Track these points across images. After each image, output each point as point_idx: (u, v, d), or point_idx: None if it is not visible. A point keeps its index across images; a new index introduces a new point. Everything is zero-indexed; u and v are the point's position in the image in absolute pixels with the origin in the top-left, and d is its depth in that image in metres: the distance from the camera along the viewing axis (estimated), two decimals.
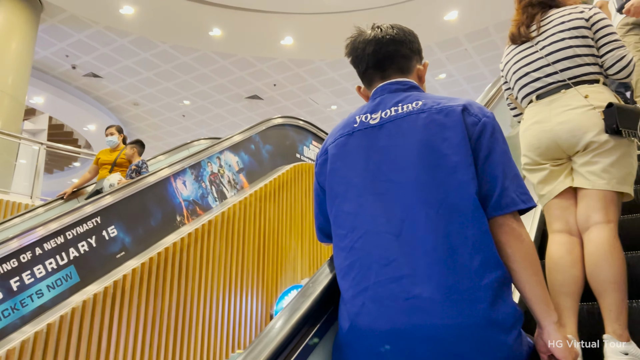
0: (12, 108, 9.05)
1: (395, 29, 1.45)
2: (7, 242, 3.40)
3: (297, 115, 15.01)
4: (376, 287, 1.19)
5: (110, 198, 4.22)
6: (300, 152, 6.82)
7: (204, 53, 11.80)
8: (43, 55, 11.91)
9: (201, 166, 5.22)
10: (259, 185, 5.69)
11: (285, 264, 5.70)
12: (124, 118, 15.20)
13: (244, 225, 5.27)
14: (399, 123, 1.31)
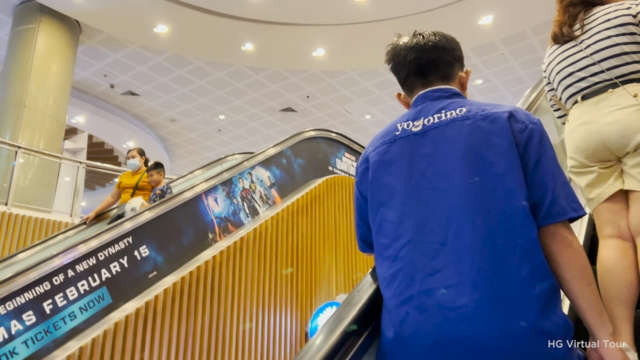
0: (53, 128, 9.31)
1: (438, 35, 1.44)
2: (39, 265, 3.42)
3: (331, 126, 14.98)
4: (421, 296, 1.18)
5: (141, 218, 4.22)
6: (333, 165, 6.73)
7: (237, 68, 11.90)
8: (83, 75, 12.27)
9: (232, 182, 5.18)
10: (291, 199, 5.62)
11: (320, 280, 5.59)
12: (162, 134, 15.50)
13: (276, 240, 5.19)
14: (443, 130, 1.30)
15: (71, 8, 9.32)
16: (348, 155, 7.08)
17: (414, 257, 1.22)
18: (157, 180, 5.33)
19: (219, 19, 9.64)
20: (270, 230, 5.15)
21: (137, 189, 5.40)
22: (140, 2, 9.11)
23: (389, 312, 1.24)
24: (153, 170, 5.36)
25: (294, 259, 5.33)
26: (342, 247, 6.08)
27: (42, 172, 8.70)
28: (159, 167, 5.42)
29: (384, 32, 9.89)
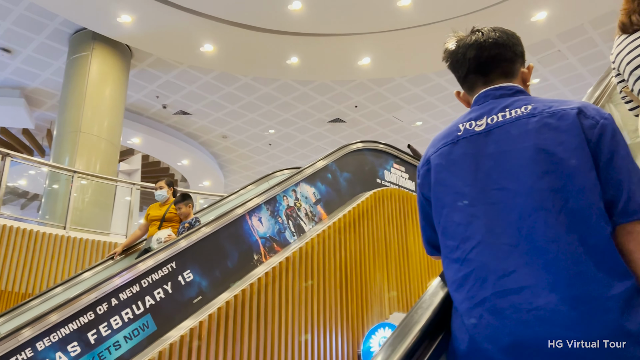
0: (108, 151, 9.59)
1: (498, 31, 1.41)
2: (83, 295, 3.41)
3: (382, 134, 14.73)
4: (495, 298, 1.16)
5: (184, 242, 4.17)
6: (381, 177, 6.50)
7: (284, 82, 11.91)
8: (136, 98, 12.64)
9: (277, 201, 5.07)
10: (338, 215, 5.44)
11: (371, 299, 5.37)
12: (215, 151, 15.74)
13: (323, 259, 5.03)
14: (508, 129, 1.27)
15: (121, 33, 9.61)
16: (397, 166, 6.83)
17: (484, 259, 1.20)
18: (185, 213, 5.11)
19: (263, 35, 9.65)
20: (316, 248, 4.99)
21: (164, 221, 5.22)
22: (186, 23, 9.26)
23: (460, 315, 1.22)
24: (181, 202, 5.14)
25: (343, 278, 5.14)
26: (394, 263, 5.83)
27: (98, 195, 8.95)
28: (186, 199, 5.18)
29: (431, 36, 9.60)
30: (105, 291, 3.56)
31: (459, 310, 1.23)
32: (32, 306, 4.82)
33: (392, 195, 6.21)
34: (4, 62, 10.99)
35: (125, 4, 8.78)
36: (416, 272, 6.11)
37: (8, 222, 6.91)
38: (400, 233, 6.11)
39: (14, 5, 9.27)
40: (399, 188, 6.67)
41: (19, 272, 6.84)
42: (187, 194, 5.31)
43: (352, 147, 6.21)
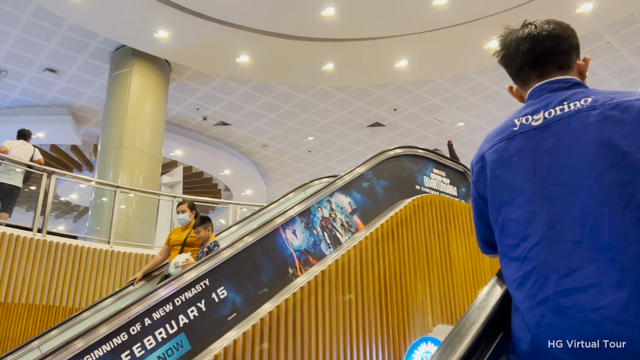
0: (150, 165, 9.75)
1: (552, 24, 1.39)
2: (115, 316, 3.39)
3: (423, 137, 14.43)
4: (558, 297, 1.14)
5: (217, 258, 4.12)
6: (420, 183, 6.29)
7: (321, 89, 11.83)
8: (177, 111, 12.86)
9: (311, 212, 4.96)
10: (375, 225, 5.27)
11: (413, 311, 5.17)
12: (255, 160, 15.84)
13: (361, 271, 4.87)
14: (567, 122, 1.24)
15: (159, 49, 9.77)
16: (437, 171, 6.60)
17: (546, 257, 1.18)
18: (204, 237, 4.86)
19: (297, 43, 9.61)
20: (353, 260, 4.84)
21: (186, 245, 5.04)
22: (221, 35, 9.32)
23: (522, 314, 1.20)
24: (199, 226, 4.89)
25: (382, 290, 4.97)
26: (436, 273, 5.61)
27: (141, 209, 9.11)
28: (205, 222, 4.93)
29: (468, 35, 9.30)
30: (138, 311, 3.54)
31: (520, 309, 1.21)
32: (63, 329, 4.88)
33: (433, 202, 5.99)
34: (51, 82, 11.40)
35: (162, 20, 8.92)
36: (460, 281, 5.87)
37: (55, 239, 7.09)
38: (442, 241, 5.88)
39: (57, 27, 9.59)
40: (440, 194, 6.45)
41: (65, 287, 7.01)
42: (206, 217, 5.08)
43: (389, 154, 6.04)
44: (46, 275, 6.85)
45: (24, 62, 10.66)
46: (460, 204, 6.35)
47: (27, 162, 7.23)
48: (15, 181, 7.16)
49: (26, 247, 6.75)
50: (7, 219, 7.03)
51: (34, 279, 6.72)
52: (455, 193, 6.69)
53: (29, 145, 7.53)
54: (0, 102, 12.33)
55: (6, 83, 11.45)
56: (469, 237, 6.20)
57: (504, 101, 12.61)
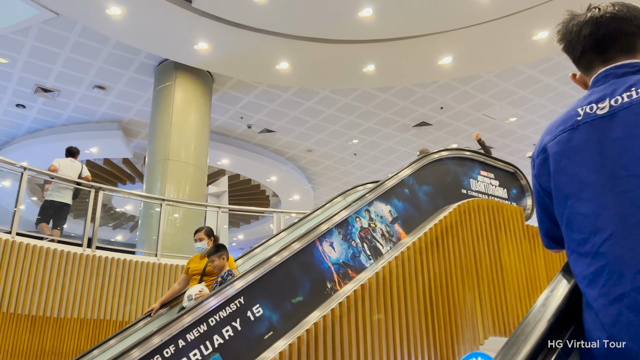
0: (196, 176, 9.85)
1: (617, 5, 1.31)
2: (149, 339, 3.34)
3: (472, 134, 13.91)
4: (634, 294, 1.08)
5: (252, 275, 4.01)
6: (467, 187, 5.97)
7: (363, 91, 11.63)
8: (222, 120, 12.98)
9: (349, 223, 4.78)
10: (418, 234, 5.03)
11: (461, 324, 4.89)
12: (301, 165, 15.79)
13: (404, 283, 4.65)
14: (635, 110, 1.17)
15: (200, 60, 9.86)
16: (484, 174, 6.26)
17: (619, 252, 1.13)
18: (219, 266, 4.55)
19: (336, 46, 9.45)
20: (395, 272, 4.62)
21: (205, 275, 4.75)
22: (259, 43, 9.30)
23: (595, 312, 1.15)
24: (214, 255, 4.59)
25: (427, 303, 4.73)
26: (486, 281, 5.30)
27: (188, 220, 9.19)
28: (220, 250, 4.63)
29: (514, 27, 8.86)
30: (171, 333, 3.48)
31: (593, 307, 1.16)
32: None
33: (480, 207, 5.67)
34: (100, 98, 11.76)
35: (201, 32, 8.99)
36: (513, 290, 5.52)
37: (104, 253, 7.24)
38: (492, 248, 5.56)
39: (102, 45, 9.86)
40: (488, 197, 6.11)
41: (115, 301, 7.13)
42: (221, 244, 4.81)
43: (431, 158, 5.77)
44: (96, 289, 6.99)
45: (74, 81, 11.04)
46: (510, 207, 6.00)
47: (75, 179, 7.42)
48: (65, 198, 7.36)
49: (77, 263, 6.92)
50: (59, 236, 7.23)
51: (84, 293, 6.87)
52: (505, 195, 6.33)
53: (77, 162, 7.73)
54: (55, 120, 12.85)
55: (59, 102, 11.91)
56: (520, 242, 5.84)
57: (557, 94, 11.97)
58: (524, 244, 5.89)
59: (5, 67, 10.50)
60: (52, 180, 7.34)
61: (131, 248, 9.92)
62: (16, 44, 9.73)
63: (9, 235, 6.45)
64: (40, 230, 7.21)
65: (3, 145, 14.04)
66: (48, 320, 6.51)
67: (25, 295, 6.38)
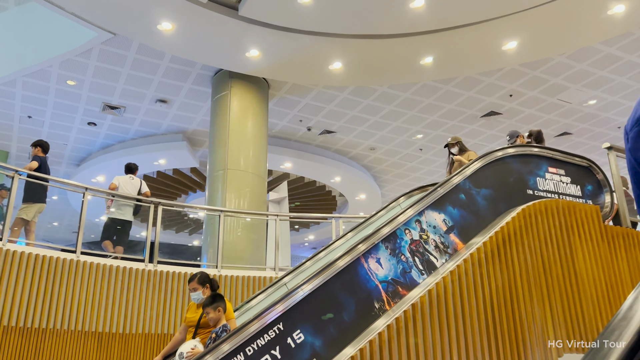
0: (255, 184, 9.80)
1: None
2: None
3: (548, 120, 12.97)
4: None
5: (290, 299, 3.79)
6: (533, 187, 5.41)
7: (423, 84, 11.12)
8: (282, 125, 12.93)
9: (397, 236, 4.44)
10: (477, 244, 4.59)
11: (530, 342, 4.41)
12: (366, 164, 15.45)
13: (461, 300, 4.24)
14: None
15: (252, 68, 9.80)
16: (553, 170, 5.65)
17: None
18: (215, 319, 4.15)
19: (388, 41, 9.04)
20: (451, 288, 4.23)
21: (200, 327, 4.38)
22: (309, 45, 9.08)
23: None
24: (209, 306, 4.18)
25: (489, 320, 4.29)
26: (558, 293, 4.76)
27: (249, 230, 9.16)
28: (216, 301, 4.22)
29: (587, 3, 8.03)
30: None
31: None
32: None
33: (549, 209, 5.12)
34: (163, 111, 12.06)
35: (250, 40, 8.91)
36: (590, 299, 4.94)
37: (165, 268, 7.33)
38: (564, 254, 5.00)
39: (159, 60, 10.06)
40: (559, 197, 5.52)
41: (178, 315, 7.20)
42: (218, 294, 4.41)
43: (490, 158, 5.27)
44: (159, 304, 7.09)
45: (137, 97, 11.38)
46: (585, 206, 5.38)
47: (135, 195, 7.57)
48: (126, 215, 7.54)
49: (139, 278, 7.05)
50: (122, 252, 7.41)
51: (148, 308, 6.99)
52: (578, 193, 5.70)
53: (136, 178, 7.90)
54: (124, 135, 13.36)
55: (126, 117, 12.35)
56: (598, 245, 5.22)
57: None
58: (602, 247, 5.26)
59: (74, 89, 11.00)
60: (113, 199, 7.53)
61: (199, 257, 10.04)
62: (81, 66, 10.15)
63: (73, 254, 6.67)
64: (104, 247, 7.42)
65: (81, 161, 14.82)
66: (114, 337, 6.67)
67: (91, 312, 6.57)
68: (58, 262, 6.44)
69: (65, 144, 13.67)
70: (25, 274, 6.16)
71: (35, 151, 7.16)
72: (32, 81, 10.65)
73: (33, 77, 10.51)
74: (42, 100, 11.40)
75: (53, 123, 12.51)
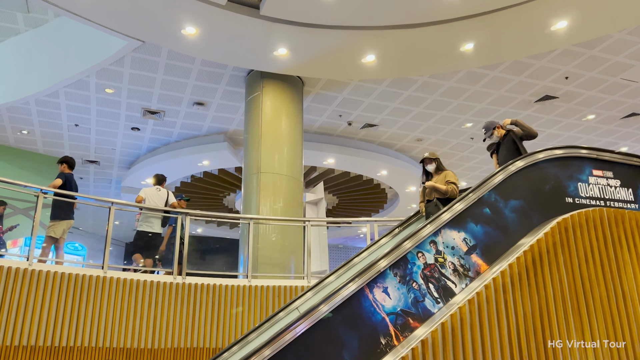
0: (290, 187, 9.49)
1: None
2: None
3: (611, 102, 11.86)
4: None
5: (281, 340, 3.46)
6: (573, 194, 4.77)
7: (467, 71, 10.39)
8: (322, 121, 12.57)
9: (408, 261, 4.00)
10: (504, 264, 4.07)
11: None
12: (413, 155, 14.83)
13: (481, 333, 3.76)
14: None
15: (282, 66, 9.47)
16: (597, 173, 4.97)
17: None
18: None
19: (423, 30, 8.42)
20: (469, 320, 3.76)
21: None
22: (340, 40, 8.63)
23: None
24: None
25: (514, 356, 3.79)
26: (601, 317, 4.16)
27: (284, 235, 8.89)
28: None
29: None
30: None
31: None
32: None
33: (591, 219, 4.50)
34: (202, 114, 12.02)
35: (277, 38, 8.57)
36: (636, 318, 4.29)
37: (193, 280, 7.22)
38: (609, 272, 4.37)
39: (191, 64, 9.95)
40: (605, 205, 4.85)
41: (207, 327, 7.08)
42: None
43: (519, 165, 4.69)
44: (188, 317, 6.99)
45: (175, 101, 11.38)
46: (636, 214, 4.68)
47: (162, 207, 7.49)
48: (155, 228, 7.47)
49: (167, 292, 6.97)
50: (151, 266, 7.37)
51: (177, 322, 6.91)
52: (630, 197, 4.99)
53: (164, 190, 7.81)
54: (168, 138, 13.48)
55: (167, 121, 12.42)
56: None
57: None
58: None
59: (113, 97, 11.14)
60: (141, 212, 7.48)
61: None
62: (116, 74, 10.23)
63: (100, 270, 6.67)
64: (134, 261, 7.41)
65: (131, 164, 15.15)
66: (142, 352, 6.64)
67: (119, 328, 6.55)
68: (84, 279, 6.46)
69: (113, 148, 13.99)
70: (52, 293, 6.21)
71: (61, 168, 7.21)
72: (73, 91, 10.87)
73: (73, 88, 10.71)
74: (85, 109, 11.64)
75: (99, 130, 12.79)
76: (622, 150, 14.95)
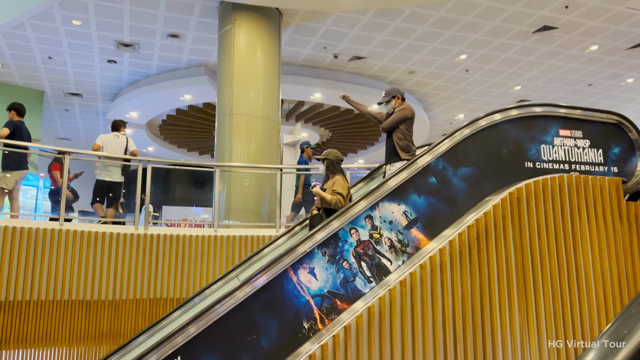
0: (265, 129, 9.06)
1: None
2: None
3: (617, 32, 11.07)
4: None
5: (193, 327, 3.26)
6: (534, 158, 4.35)
7: (458, 0, 9.58)
8: (306, 53, 11.92)
9: (339, 238, 3.70)
10: (449, 236, 3.76)
11: (505, 358, 3.67)
12: (407, 87, 14.19)
13: (412, 317, 3.53)
14: None
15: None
16: (566, 133, 4.52)
17: None
18: None
19: None
20: (399, 303, 3.52)
21: None
22: None
23: None
24: None
25: (447, 339, 3.57)
26: (549, 294, 3.90)
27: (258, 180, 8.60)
28: None
29: None
30: None
31: None
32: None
33: (549, 188, 4.13)
34: (178, 46, 11.40)
35: None
36: (595, 299, 4.04)
37: (155, 231, 7.05)
38: (563, 246, 4.07)
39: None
40: (570, 169, 4.45)
41: (170, 278, 7.00)
42: None
43: (478, 125, 4.25)
44: (150, 268, 6.89)
45: (147, 33, 10.75)
46: (599, 180, 4.30)
47: (121, 155, 7.18)
48: (115, 177, 7.20)
49: (128, 243, 6.82)
50: (112, 216, 7.17)
51: (138, 273, 6.81)
52: (599, 159, 4.57)
53: (122, 136, 7.46)
54: (148, 71, 12.93)
55: (143, 54, 11.83)
56: (613, 230, 4.21)
57: None
58: (618, 231, 4.24)
59: (82, 29, 10.53)
60: (99, 160, 7.18)
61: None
62: (80, 5, 9.58)
63: (56, 222, 6.49)
64: (95, 211, 7.21)
65: (114, 97, 14.70)
66: (103, 304, 6.60)
67: (78, 281, 6.46)
68: (38, 233, 6.29)
69: (93, 81, 13.50)
70: (3, 247, 6.07)
71: (10, 115, 6.84)
72: (39, 23, 10.25)
73: (38, 19, 10.09)
74: (55, 41, 11.06)
75: (75, 62, 12.25)
76: (628, 81, 14.18)
